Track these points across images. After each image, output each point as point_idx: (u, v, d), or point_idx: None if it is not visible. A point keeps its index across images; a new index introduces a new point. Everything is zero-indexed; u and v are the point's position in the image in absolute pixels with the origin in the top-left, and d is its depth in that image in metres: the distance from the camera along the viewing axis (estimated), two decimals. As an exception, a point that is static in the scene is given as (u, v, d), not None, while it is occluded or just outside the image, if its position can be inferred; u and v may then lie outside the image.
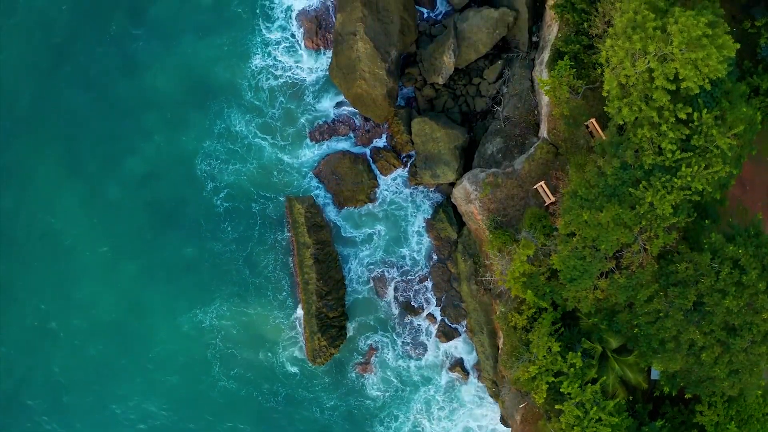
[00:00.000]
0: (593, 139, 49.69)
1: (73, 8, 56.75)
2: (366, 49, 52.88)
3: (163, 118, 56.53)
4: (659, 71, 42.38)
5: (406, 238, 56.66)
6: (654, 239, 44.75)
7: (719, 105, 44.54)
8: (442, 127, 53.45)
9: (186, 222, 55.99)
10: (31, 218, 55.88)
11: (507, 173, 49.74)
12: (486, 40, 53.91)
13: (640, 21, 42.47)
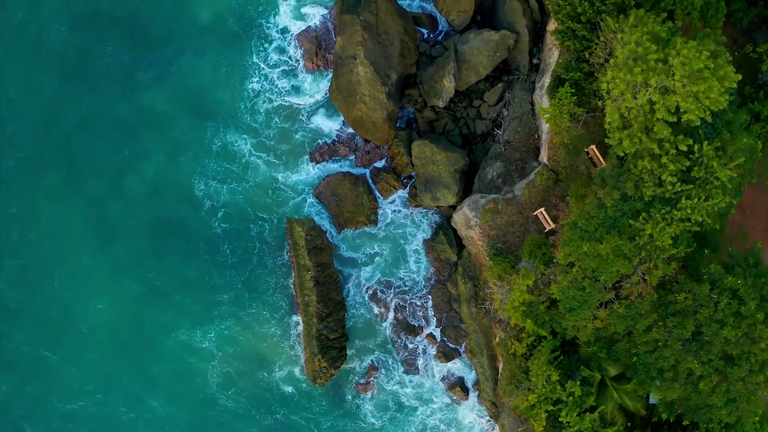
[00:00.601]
0: (594, 165, 49.83)
1: (72, 28, 56.61)
2: (366, 73, 52.78)
3: (163, 138, 56.54)
4: (660, 104, 42.34)
5: (406, 258, 56.80)
6: (653, 270, 44.92)
7: (720, 136, 44.54)
8: (443, 150, 53.45)
9: (187, 242, 56.18)
10: (32, 237, 55.88)
11: (507, 199, 49.81)
12: (486, 62, 53.78)
13: (641, 53, 42.36)
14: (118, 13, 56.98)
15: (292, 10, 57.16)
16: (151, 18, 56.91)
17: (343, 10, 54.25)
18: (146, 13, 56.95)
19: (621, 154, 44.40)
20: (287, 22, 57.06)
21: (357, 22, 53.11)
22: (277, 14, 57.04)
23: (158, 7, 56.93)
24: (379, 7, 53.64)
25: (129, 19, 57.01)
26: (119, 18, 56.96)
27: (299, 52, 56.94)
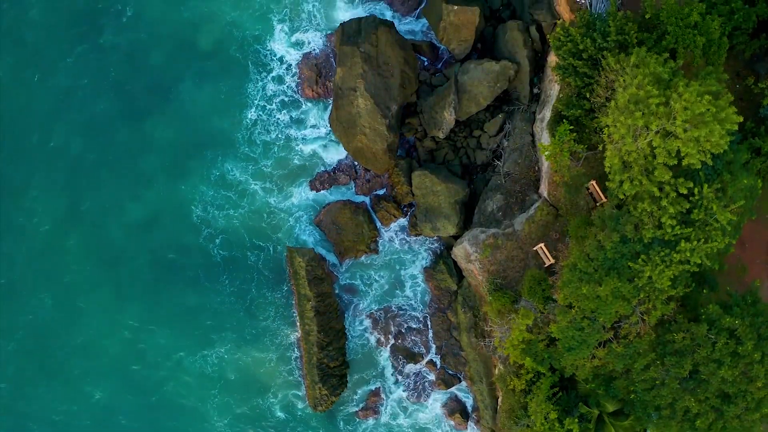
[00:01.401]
0: (594, 201, 49.87)
1: (74, 55, 56.55)
2: (366, 106, 52.69)
3: (163, 165, 56.71)
4: (661, 148, 42.34)
5: (406, 286, 57.05)
6: (652, 310, 45.19)
7: (720, 177, 44.55)
8: (443, 181, 53.49)
9: (188, 269, 56.46)
10: (34, 262, 56.26)
11: (507, 234, 49.96)
12: (487, 93, 53.63)
13: (642, 96, 42.25)
14: (120, 41, 56.93)
15: (287, 37, 57.20)
16: (152, 47, 56.95)
17: (343, 41, 54.05)
18: (148, 43, 56.92)
19: (621, 196, 44.54)
20: (284, 50, 57.10)
21: (357, 54, 52.93)
22: (274, 42, 57.05)
23: (158, 37, 56.89)
24: (380, 38, 53.42)
25: (130, 47, 56.96)
26: (120, 46, 56.90)
27: (298, 80, 56.84)
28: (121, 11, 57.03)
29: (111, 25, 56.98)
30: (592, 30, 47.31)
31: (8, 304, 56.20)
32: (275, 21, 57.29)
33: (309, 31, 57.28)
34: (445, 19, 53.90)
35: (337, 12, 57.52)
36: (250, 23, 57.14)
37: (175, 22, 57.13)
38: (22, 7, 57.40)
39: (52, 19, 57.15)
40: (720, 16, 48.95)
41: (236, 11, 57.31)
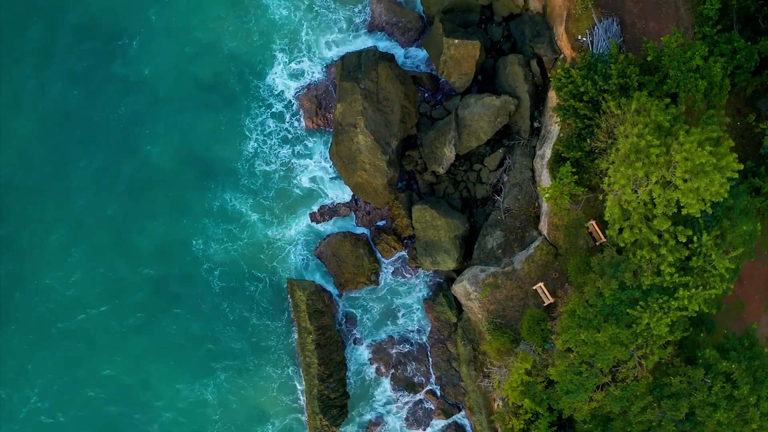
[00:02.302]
0: (594, 240, 50.03)
1: (77, 86, 56.55)
2: (366, 142, 52.63)
3: (163, 196, 56.81)
4: (661, 198, 42.44)
5: (406, 317, 57.40)
6: (650, 355, 45.65)
7: (720, 223, 44.75)
8: (443, 215, 53.56)
9: (191, 300, 56.95)
10: (37, 292, 56.42)
11: (506, 273, 50.21)
12: (487, 128, 53.50)
13: (643, 146, 42.27)
14: (125, 72, 56.80)
15: (286, 69, 57.09)
16: (155, 79, 56.91)
17: (343, 76, 53.82)
18: (152, 75, 56.86)
19: (621, 244, 44.75)
20: (283, 82, 57.11)
21: (357, 90, 52.74)
22: (273, 74, 56.94)
23: (162, 69, 56.90)
24: (380, 74, 53.19)
25: (135, 79, 56.88)
26: (125, 77, 56.83)
27: (298, 113, 56.76)
28: (127, 44, 56.90)
29: (116, 57, 56.87)
30: (593, 72, 47.20)
31: (8, 341, 56.65)
32: (275, 52, 57.13)
33: (308, 62, 57.09)
34: (446, 53, 53.61)
35: (336, 43, 57.27)
36: (250, 55, 57.03)
37: (179, 55, 57.13)
38: (26, 38, 57.29)
39: (57, 51, 57.05)
40: (722, 56, 48.87)
41: (236, 42, 57.17)
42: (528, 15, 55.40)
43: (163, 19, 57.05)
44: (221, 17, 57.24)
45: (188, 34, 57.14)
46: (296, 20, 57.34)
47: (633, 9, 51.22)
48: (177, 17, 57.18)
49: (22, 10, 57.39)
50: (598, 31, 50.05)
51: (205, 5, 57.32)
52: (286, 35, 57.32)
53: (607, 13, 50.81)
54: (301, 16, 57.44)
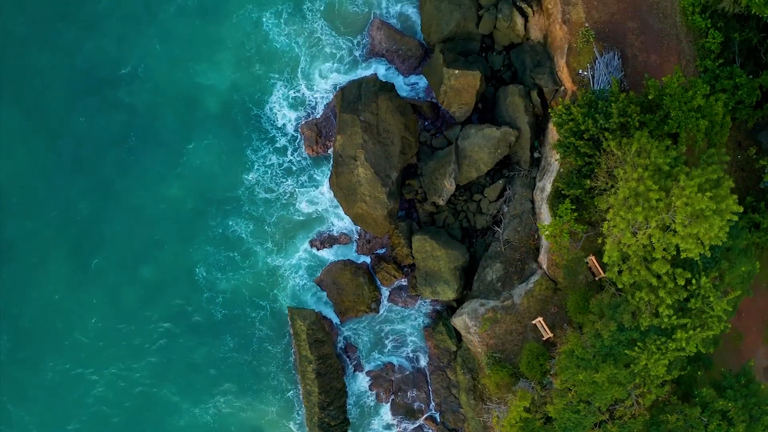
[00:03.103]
0: (593, 275, 50.20)
1: (83, 117, 56.50)
2: (366, 175, 52.63)
3: (166, 224, 56.87)
4: (660, 243, 42.53)
5: (406, 344, 57.74)
6: (647, 394, 46.02)
7: (718, 265, 44.89)
8: (443, 246, 53.67)
9: (193, 327, 57.26)
10: (44, 320, 56.75)
11: (506, 307, 50.46)
12: (487, 159, 53.44)
13: (642, 191, 42.28)
14: (129, 101, 56.78)
15: (287, 99, 56.88)
16: (160, 108, 56.81)
17: (343, 107, 53.67)
18: (156, 104, 56.85)
19: (620, 286, 44.96)
20: (284, 112, 56.89)
21: (357, 123, 52.65)
22: (274, 104, 56.82)
23: (165, 98, 56.84)
24: (380, 106, 53.05)
25: (139, 108, 56.84)
26: (129, 106, 56.82)
27: (298, 141, 56.71)
28: (130, 73, 56.77)
29: (119, 86, 56.74)
30: (593, 110, 47.03)
31: (15, 362, 57.12)
32: (276, 81, 56.97)
33: (308, 90, 56.90)
34: (446, 83, 53.39)
35: (336, 71, 57.07)
36: (251, 84, 56.94)
37: (182, 82, 56.97)
38: (27, 66, 57.21)
39: (61, 79, 57.08)
40: (723, 91, 48.75)
41: (238, 71, 57.07)
42: (529, 44, 55.14)
43: (168, 47, 56.94)
44: (224, 46, 57.02)
45: (192, 62, 57.17)
46: (296, 48, 57.20)
47: (634, 42, 51.00)
48: (181, 45, 57.13)
49: (24, 37, 57.25)
50: (599, 65, 49.86)
51: (208, 33, 57.14)
52: (287, 64, 57.19)
53: (608, 46, 50.59)
54: (301, 44, 57.24)
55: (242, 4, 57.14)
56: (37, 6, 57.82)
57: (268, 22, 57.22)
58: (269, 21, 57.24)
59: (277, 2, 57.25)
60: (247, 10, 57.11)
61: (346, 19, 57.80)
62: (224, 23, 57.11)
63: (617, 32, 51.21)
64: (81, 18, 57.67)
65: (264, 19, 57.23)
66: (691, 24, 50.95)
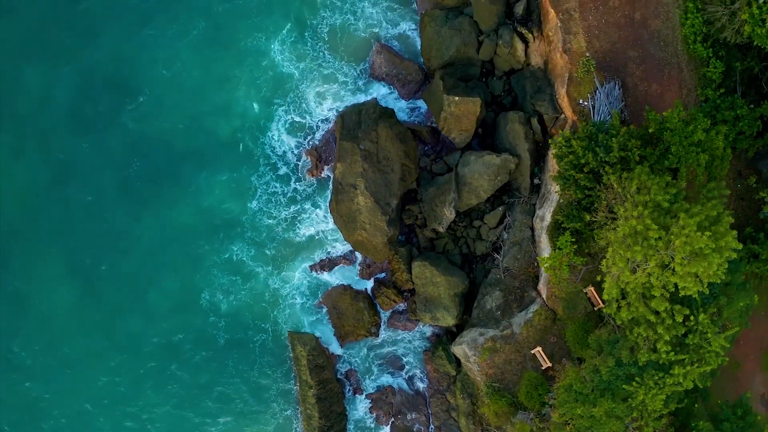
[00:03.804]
0: (592, 305, 50.37)
1: (85, 143, 56.64)
2: (367, 204, 52.63)
3: (171, 248, 57.03)
4: (658, 282, 42.64)
5: (405, 368, 57.94)
6: (644, 427, 46.33)
7: (717, 300, 45.04)
8: (442, 273, 53.76)
9: (196, 352, 57.47)
10: (51, 347, 57.09)
11: (505, 337, 50.67)
12: (487, 186, 53.39)
13: (642, 230, 42.32)
14: (136, 127, 56.79)
15: (287, 124, 56.86)
16: (165, 134, 56.87)
17: (343, 134, 53.57)
18: (162, 130, 56.92)
19: (619, 322, 45.16)
20: (285, 137, 56.87)
21: (357, 151, 52.59)
22: (275, 130, 56.89)
23: (171, 125, 56.87)
24: (380, 134, 52.95)
25: (145, 134, 56.87)
26: (135, 133, 56.85)
27: (300, 166, 56.72)
28: (134, 98, 56.74)
29: (122, 111, 56.70)
30: (594, 143, 46.91)
31: (18, 390, 57.50)
32: (278, 107, 56.95)
33: (309, 117, 56.84)
34: (446, 109, 53.22)
35: (337, 96, 56.99)
36: (254, 111, 56.98)
37: (187, 109, 57.04)
38: (29, 90, 57.20)
39: (64, 104, 57.10)
40: (725, 122, 48.63)
41: (241, 97, 57.02)
42: (529, 70, 54.92)
43: (174, 73, 56.84)
44: (229, 73, 57.08)
45: (197, 88, 57.13)
46: (300, 75, 57.14)
47: (635, 71, 50.78)
48: (187, 72, 57.09)
49: (26, 60, 57.16)
50: (599, 95, 49.71)
51: (213, 60, 57.12)
52: (290, 89, 57.27)
53: (609, 76, 50.41)
54: (304, 70, 57.14)
55: (248, 32, 57.20)
56: (39, 28, 57.60)
57: (274, 49, 57.20)
58: (274, 48, 57.22)
59: (282, 30, 57.22)
60: (253, 37, 57.16)
61: (349, 44, 57.76)
62: (229, 50, 57.20)
63: (618, 61, 51.01)
64: (84, 40, 57.49)
65: (269, 46, 57.23)
66: (692, 53, 50.75)
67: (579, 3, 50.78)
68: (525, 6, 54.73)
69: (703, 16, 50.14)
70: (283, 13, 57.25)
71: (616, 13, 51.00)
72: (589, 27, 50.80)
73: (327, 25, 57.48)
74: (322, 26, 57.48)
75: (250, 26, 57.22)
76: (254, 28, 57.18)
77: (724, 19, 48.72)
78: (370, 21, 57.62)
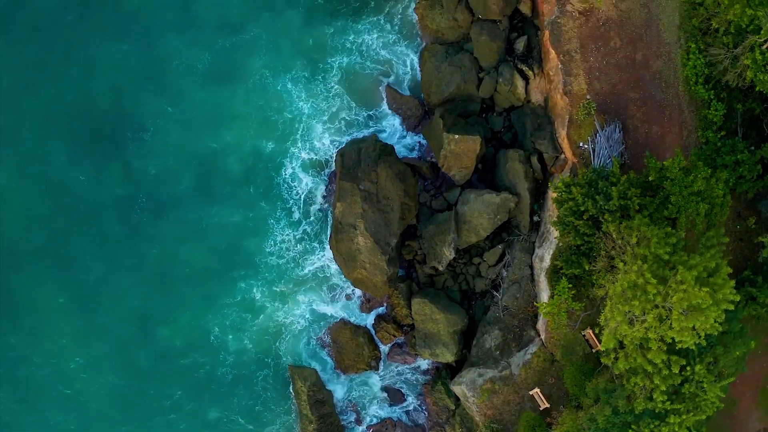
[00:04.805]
0: (590, 347, 50.74)
1: (93, 179, 56.57)
2: (366, 244, 52.75)
3: (180, 285, 57.06)
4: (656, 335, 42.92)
5: (405, 399, 58.37)
6: (641, 472, 47.08)
7: (713, 350, 45.34)
8: (442, 310, 53.97)
9: (203, 386, 57.81)
10: (53, 381, 57.32)
11: (504, 378, 51.09)
12: (487, 225, 53.39)
13: (641, 284, 42.48)
14: (142, 164, 56.62)
15: (296, 161, 56.84)
16: (172, 171, 56.88)
17: (342, 174, 53.52)
18: (169, 167, 56.91)
19: (617, 372, 45.54)
20: (294, 175, 56.82)
21: (357, 192, 52.59)
22: (289, 168, 56.90)
23: (176, 161, 56.80)
24: (380, 175, 52.89)
25: (152, 171, 56.79)
26: (143, 169, 56.76)
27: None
28: (138, 135, 56.59)
29: (125, 146, 56.57)
30: (594, 190, 46.87)
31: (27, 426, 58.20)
32: (289, 146, 56.84)
33: (322, 152, 56.80)
34: (446, 147, 53.12)
35: (349, 132, 57.08)
36: (263, 150, 56.92)
37: (193, 146, 56.91)
38: (29, 123, 57.11)
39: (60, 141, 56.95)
40: (725, 167, 48.52)
41: (249, 137, 56.89)
42: (529, 107, 54.69)
43: (178, 109, 56.61)
44: (238, 111, 56.84)
45: (205, 125, 56.82)
46: (308, 110, 56.86)
47: (636, 113, 50.57)
48: (192, 108, 56.75)
49: (30, 95, 56.96)
50: (600, 139, 49.56)
51: (220, 94, 56.86)
52: (300, 126, 56.94)
53: (609, 118, 50.23)
54: (313, 106, 56.91)
55: (256, 69, 56.98)
56: (42, 60, 57.21)
57: (282, 86, 56.94)
58: (283, 85, 56.96)
59: (291, 67, 57.02)
60: (260, 74, 56.88)
61: (358, 80, 57.61)
62: (236, 86, 56.91)
63: (619, 103, 50.77)
64: (86, 73, 57.07)
65: (278, 83, 56.95)
66: (693, 94, 50.48)
67: (580, 44, 50.56)
68: (525, 43, 54.46)
69: (705, 58, 49.89)
70: (292, 51, 57.03)
71: (618, 53, 50.75)
72: (590, 68, 50.56)
73: (336, 62, 57.26)
74: (330, 63, 57.21)
75: (258, 63, 56.94)
76: (262, 65, 56.94)
77: (727, 62, 48.42)
78: (376, 57, 57.46)
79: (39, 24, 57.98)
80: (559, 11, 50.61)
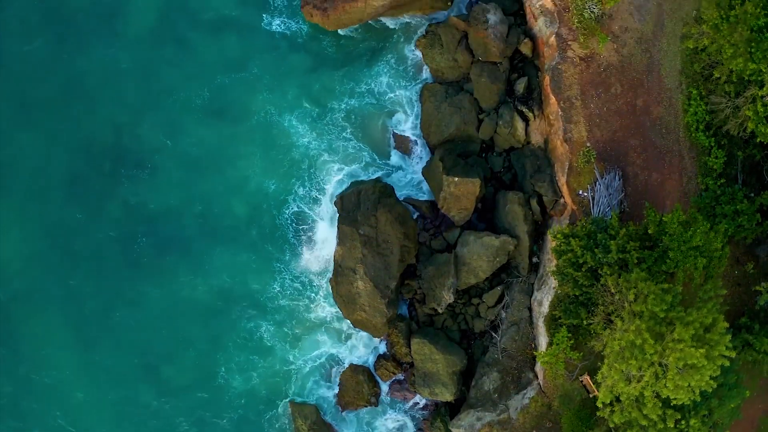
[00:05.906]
0: (587, 392, 51.18)
1: (91, 216, 56.57)
2: (366, 288, 52.91)
3: (186, 325, 57.15)
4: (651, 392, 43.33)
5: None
6: None
7: (708, 403, 45.77)
8: (441, 351, 54.22)
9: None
10: (65, 415, 57.82)
11: (502, 422, 51.56)
12: (486, 267, 53.51)
13: (639, 343, 42.77)
14: (144, 201, 56.65)
15: (302, 201, 56.76)
16: (173, 210, 56.88)
17: (342, 217, 53.53)
18: (171, 206, 56.89)
19: (612, 425, 46.03)
20: (302, 216, 56.89)
21: (357, 237, 52.64)
22: (289, 208, 56.80)
23: (177, 201, 56.76)
24: (379, 219, 52.87)
25: (154, 209, 56.80)
26: (145, 207, 56.80)
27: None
28: (135, 171, 56.56)
29: (129, 185, 56.52)
30: (593, 242, 46.93)
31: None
32: (295, 185, 56.75)
33: (322, 194, 56.91)
34: (446, 189, 53.08)
35: (356, 171, 57.20)
36: (268, 188, 56.81)
37: (193, 184, 56.83)
38: (25, 159, 57.04)
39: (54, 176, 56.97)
40: (724, 216, 48.54)
41: (255, 177, 56.77)
42: (529, 149, 54.52)
43: (179, 145, 56.50)
44: (238, 146, 56.72)
45: (205, 162, 56.71)
46: (313, 148, 56.82)
47: (636, 160, 50.47)
48: (193, 145, 56.65)
49: (26, 131, 56.86)
50: (599, 187, 49.51)
51: (221, 132, 56.75)
52: (305, 165, 56.87)
53: (609, 166, 50.14)
54: (318, 144, 56.86)
55: (259, 106, 56.80)
56: (38, 95, 57.13)
57: (286, 124, 56.76)
58: (287, 123, 56.78)
59: (294, 105, 56.87)
60: (265, 111, 56.73)
61: (364, 119, 57.44)
62: (238, 123, 56.72)
63: (619, 149, 50.65)
64: (84, 107, 56.96)
65: (282, 121, 56.79)
66: (694, 140, 50.36)
67: (581, 90, 50.32)
68: (526, 84, 54.14)
69: (706, 105, 49.68)
70: (296, 91, 56.90)
71: (618, 100, 50.51)
72: (590, 115, 50.38)
73: (342, 102, 57.17)
74: (336, 103, 57.15)
75: (261, 100, 56.78)
76: (265, 102, 56.78)
77: (728, 111, 48.27)
78: (385, 97, 57.43)
79: (36, 59, 57.82)
80: (560, 57, 50.30)
